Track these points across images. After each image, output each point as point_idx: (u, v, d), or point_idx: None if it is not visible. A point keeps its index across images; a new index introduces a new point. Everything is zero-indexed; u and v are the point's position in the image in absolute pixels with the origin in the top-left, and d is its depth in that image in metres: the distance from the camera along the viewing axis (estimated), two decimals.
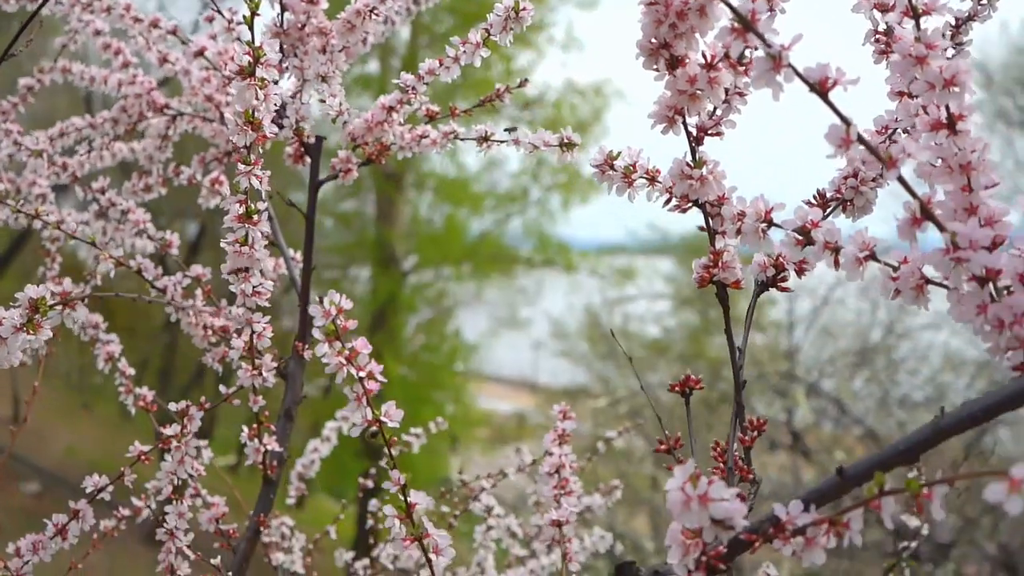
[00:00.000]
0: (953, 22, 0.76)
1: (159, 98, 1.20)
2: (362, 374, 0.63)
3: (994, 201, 0.56)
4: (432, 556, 0.66)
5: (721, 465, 0.65)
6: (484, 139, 0.97)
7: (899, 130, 0.71)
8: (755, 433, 0.64)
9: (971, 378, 6.71)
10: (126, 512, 1.12)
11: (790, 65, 0.51)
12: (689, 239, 11.55)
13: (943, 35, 0.75)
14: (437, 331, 11.49)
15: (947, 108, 0.55)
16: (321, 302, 0.62)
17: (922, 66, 0.54)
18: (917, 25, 0.55)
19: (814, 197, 0.71)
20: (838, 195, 0.70)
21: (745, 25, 0.51)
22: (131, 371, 1.11)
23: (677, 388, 0.68)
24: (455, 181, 11.53)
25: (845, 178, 0.70)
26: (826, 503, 0.53)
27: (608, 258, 11.06)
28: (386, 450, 0.66)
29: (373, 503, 1.34)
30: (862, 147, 0.52)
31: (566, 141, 0.83)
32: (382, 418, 0.64)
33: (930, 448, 0.51)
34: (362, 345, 0.64)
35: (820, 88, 0.51)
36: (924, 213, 0.53)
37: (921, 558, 5.69)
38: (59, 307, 0.69)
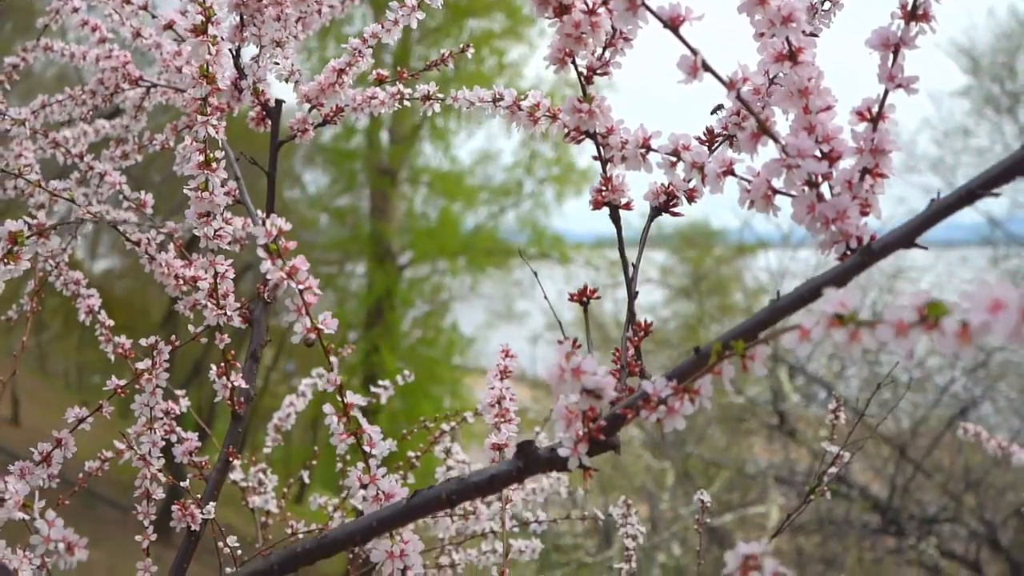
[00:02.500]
0: None
1: (134, 71, 1.29)
2: (302, 287, 0.73)
3: (832, 123, 0.65)
4: (367, 448, 0.76)
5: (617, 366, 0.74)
6: (427, 98, 1.06)
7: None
8: (642, 334, 0.74)
9: (954, 357, 6.82)
10: (108, 454, 1.21)
11: (644, 4, 0.60)
12: (683, 230, 11.67)
13: None
14: (434, 325, 11.57)
15: (788, 41, 0.64)
16: (264, 224, 0.71)
17: (763, 6, 0.63)
18: None
19: (704, 133, 0.80)
20: (724, 131, 0.80)
21: None
22: (110, 322, 1.20)
23: (575, 298, 0.77)
24: (449, 175, 11.62)
25: (730, 116, 0.80)
26: (686, 379, 0.61)
27: (603, 250, 11.15)
28: (326, 357, 0.75)
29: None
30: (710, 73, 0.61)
31: (497, 97, 0.92)
32: (319, 326, 0.74)
33: (769, 326, 0.60)
34: (301, 262, 0.73)
35: (672, 24, 0.61)
36: (762, 129, 0.62)
37: (906, 532, 5.79)
38: (34, 237, 0.78)
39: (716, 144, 0.79)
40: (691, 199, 0.78)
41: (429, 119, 10.88)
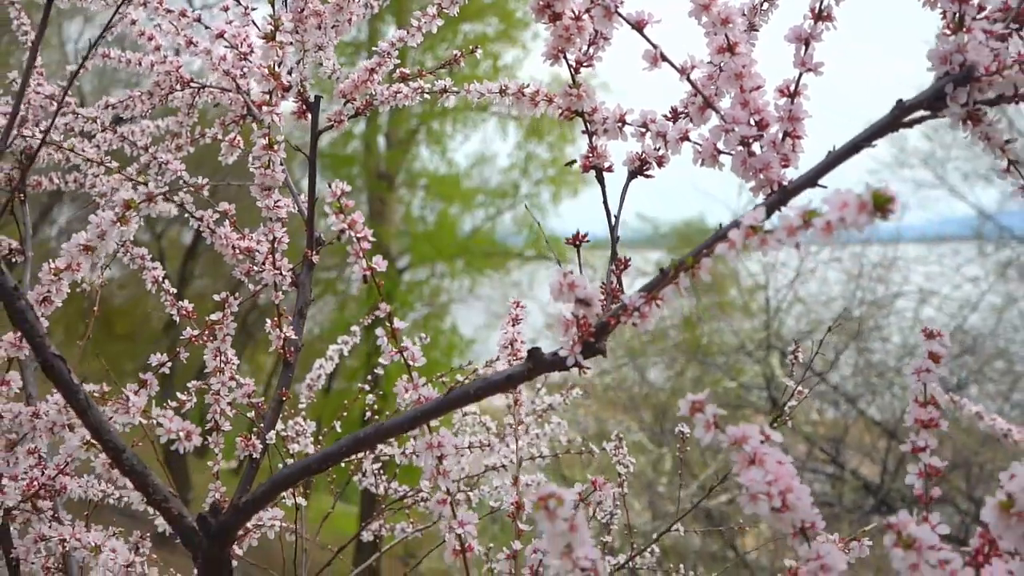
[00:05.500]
0: None
1: (185, 74, 1.49)
2: (359, 235, 0.93)
3: (761, 99, 0.86)
4: (411, 363, 0.96)
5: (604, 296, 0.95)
6: (443, 91, 1.27)
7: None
8: (624, 267, 0.94)
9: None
10: (174, 404, 1.41)
11: (618, 12, 0.81)
12: (679, 228, 11.87)
13: None
14: (433, 327, 11.77)
15: (727, 37, 0.85)
16: (329, 185, 0.92)
17: (707, 11, 0.84)
18: None
19: (669, 110, 1.01)
20: (685, 109, 1.00)
21: None
22: (173, 291, 1.41)
23: (571, 242, 0.98)
24: (445, 178, 11.83)
25: (688, 96, 1.00)
26: (656, 290, 0.82)
27: (600, 251, 11.33)
28: (376, 289, 0.96)
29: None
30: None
31: (503, 88, 1.12)
32: (373, 266, 0.94)
33: (715, 243, 0.81)
34: (358, 217, 0.94)
35: (638, 26, 0.82)
36: (706, 104, 0.83)
37: (895, 510, 6.01)
38: (145, 203, 0.99)
39: (679, 119, 1.00)
40: (660, 164, 0.99)
41: (425, 123, 11.12)
